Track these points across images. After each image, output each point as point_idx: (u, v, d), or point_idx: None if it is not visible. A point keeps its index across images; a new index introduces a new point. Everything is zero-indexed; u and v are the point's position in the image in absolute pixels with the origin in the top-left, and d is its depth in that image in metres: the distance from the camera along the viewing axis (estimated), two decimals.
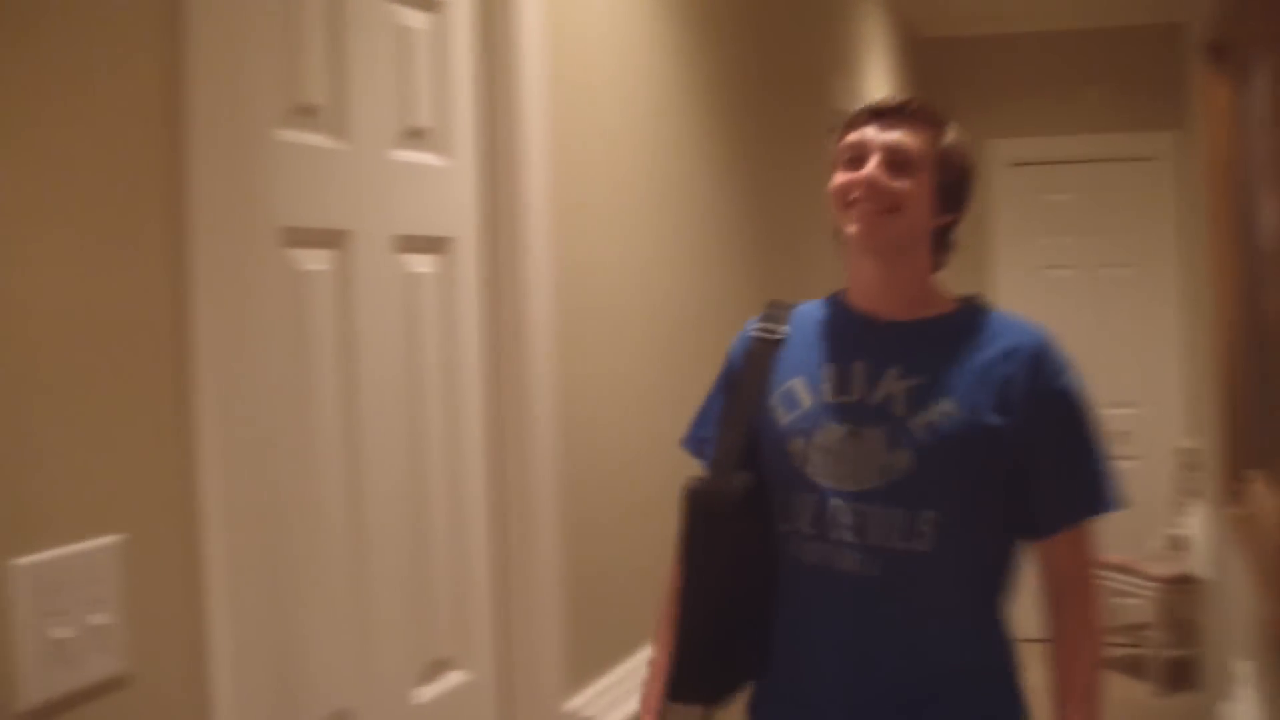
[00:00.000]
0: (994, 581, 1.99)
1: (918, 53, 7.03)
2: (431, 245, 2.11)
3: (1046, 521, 1.97)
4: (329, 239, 1.86)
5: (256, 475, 1.64)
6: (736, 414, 2.05)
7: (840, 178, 1.96)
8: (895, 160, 1.93)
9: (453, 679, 2.13)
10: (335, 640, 1.86)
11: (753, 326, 2.12)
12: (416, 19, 2.07)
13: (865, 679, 1.94)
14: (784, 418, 2.00)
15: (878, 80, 5.78)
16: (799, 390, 2.00)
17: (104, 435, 1.42)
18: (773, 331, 2.09)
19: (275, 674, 1.70)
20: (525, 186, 2.26)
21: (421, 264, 2.08)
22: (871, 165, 1.93)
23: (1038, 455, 1.93)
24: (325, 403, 1.86)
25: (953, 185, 1.99)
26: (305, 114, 1.81)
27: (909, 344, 1.97)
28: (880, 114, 1.98)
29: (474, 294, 2.21)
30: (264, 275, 1.69)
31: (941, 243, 2.03)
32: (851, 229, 1.94)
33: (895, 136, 1.95)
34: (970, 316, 2.01)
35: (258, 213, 1.67)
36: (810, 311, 2.10)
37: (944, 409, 1.90)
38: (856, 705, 1.95)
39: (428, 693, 2.08)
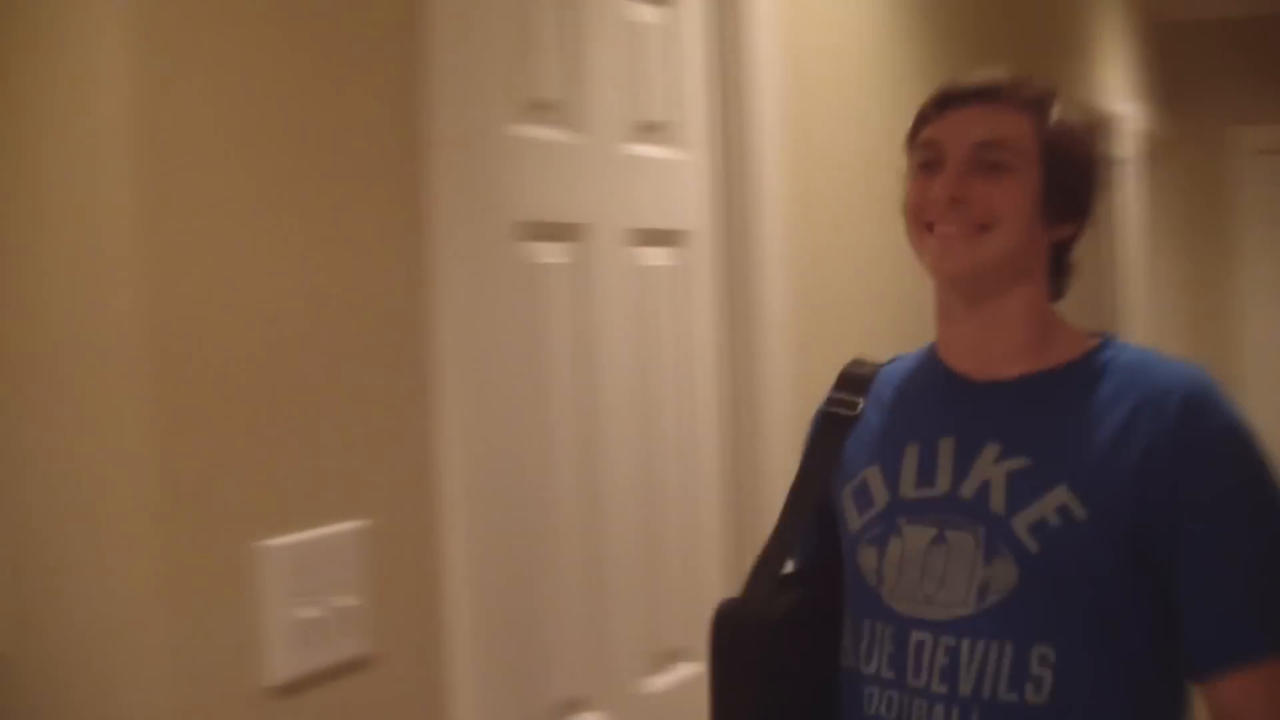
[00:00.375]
0: None
1: (1156, 37, 6.73)
2: (666, 238, 2.11)
3: (1212, 656, 1.36)
4: (564, 232, 1.89)
5: (494, 464, 1.68)
6: (790, 514, 1.56)
7: (914, 191, 1.45)
8: (986, 160, 1.40)
9: (684, 670, 2.13)
10: (569, 627, 1.89)
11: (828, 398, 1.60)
12: (648, 13, 2.08)
13: None
14: (854, 521, 1.48)
15: (1113, 66, 5.57)
16: (872, 483, 1.48)
17: (350, 423, 1.47)
18: (848, 404, 1.56)
19: (510, 660, 1.73)
20: (759, 178, 2.25)
21: (656, 257, 2.09)
22: (951, 171, 1.41)
23: (1197, 558, 1.35)
24: (560, 393, 1.88)
25: (1070, 184, 1.44)
26: (540, 109, 1.84)
27: (1014, 410, 1.43)
28: (962, 99, 1.44)
29: (708, 287, 2.21)
30: (501, 268, 1.73)
31: (1060, 264, 1.49)
32: (930, 259, 1.43)
33: (984, 128, 1.41)
34: (1102, 363, 1.43)
35: (494, 207, 1.70)
36: (897, 371, 1.57)
37: (1059, 500, 1.36)
38: None
39: (659, 683, 2.08)
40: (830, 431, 1.56)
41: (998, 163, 1.40)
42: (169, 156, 1.29)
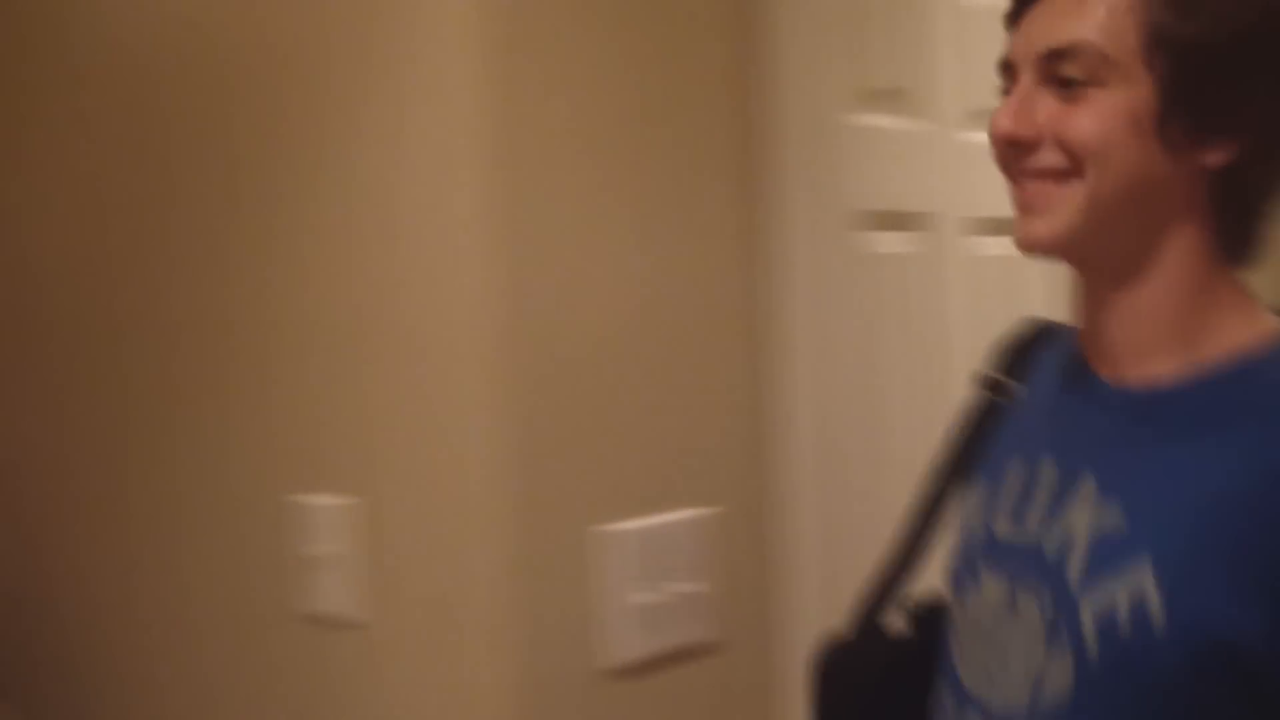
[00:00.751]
0: None
1: None
2: (1006, 228, 2.05)
3: None
4: (904, 221, 1.85)
5: (835, 455, 1.67)
6: (913, 524, 1.20)
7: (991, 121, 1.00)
8: (1062, 76, 0.95)
9: None
10: None
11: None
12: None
13: None
14: (955, 550, 1.12)
15: None
16: (975, 504, 1.11)
17: (690, 411, 1.49)
18: (1003, 385, 1.17)
19: None
20: None
21: (995, 246, 2.03)
22: (1018, 94, 0.98)
23: None
24: (898, 383, 1.84)
25: (1209, 80, 0.93)
26: (878, 97, 1.81)
27: (1125, 433, 0.98)
28: None
29: (1044, 280, 2.13)
30: (840, 257, 1.71)
31: (1230, 206, 0.97)
32: (1018, 228, 1.02)
33: (1057, 29, 0.95)
34: (1273, 367, 0.95)
35: (833, 196, 1.69)
36: (1056, 351, 1.13)
37: (1138, 584, 0.91)
38: None
39: None
40: (977, 416, 1.18)
41: (1084, 74, 0.94)
42: (518, 155, 1.34)
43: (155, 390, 1.68)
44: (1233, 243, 0.97)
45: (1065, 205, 0.96)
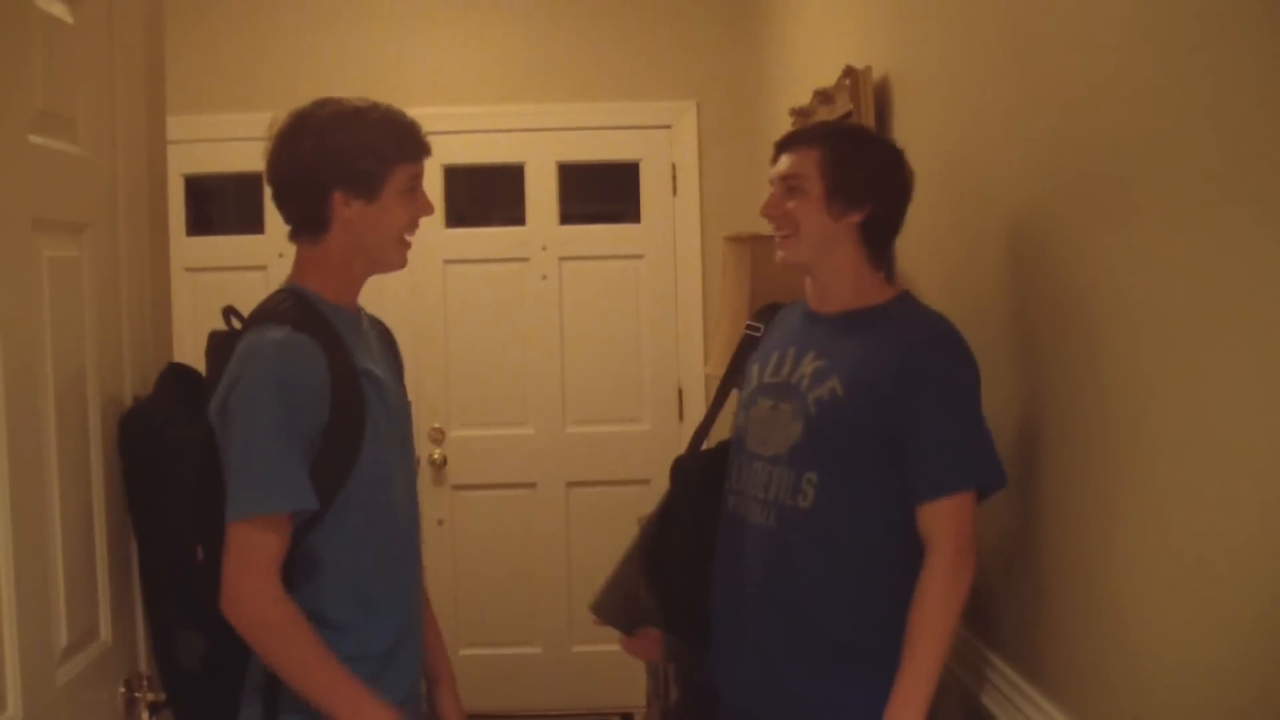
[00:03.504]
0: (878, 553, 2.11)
1: None
2: None
3: (917, 491, 2.05)
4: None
5: None
6: (716, 398, 2.47)
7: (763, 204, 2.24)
8: (789, 185, 2.17)
9: None
10: None
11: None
12: None
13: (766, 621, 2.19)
14: (741, 398, 2.34)
15: None
16: (752, 373, 2.32)
17: None
18: (757, 329, 2.41)
19: None
20: None
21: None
22: (771, 194, 2.20)
23: (912, 424, 2.05)
24: None
25: (847, 185, 2.14)
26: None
27: (831, 333, 2.19)
28: (778, 148, 2.22)
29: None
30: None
31: (869, 238, 2.18)
32: (777, 252, 2.23)
33: (783, 165, 2.18)
34: (895, 309, 2.17)
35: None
36: (787, 311, 2.38)
37: (832, 385, 2.11)
38: (764, 647, 2.18)
39: None
40: (745, 345, 2.43)
41: (795, 186, 2.17)
42: None
43: None
44: (874, 254, 2.21)
45: (796, 246, 2.19)
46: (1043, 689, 2.00)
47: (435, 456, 4.86)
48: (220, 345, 2.03)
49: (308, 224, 2.08)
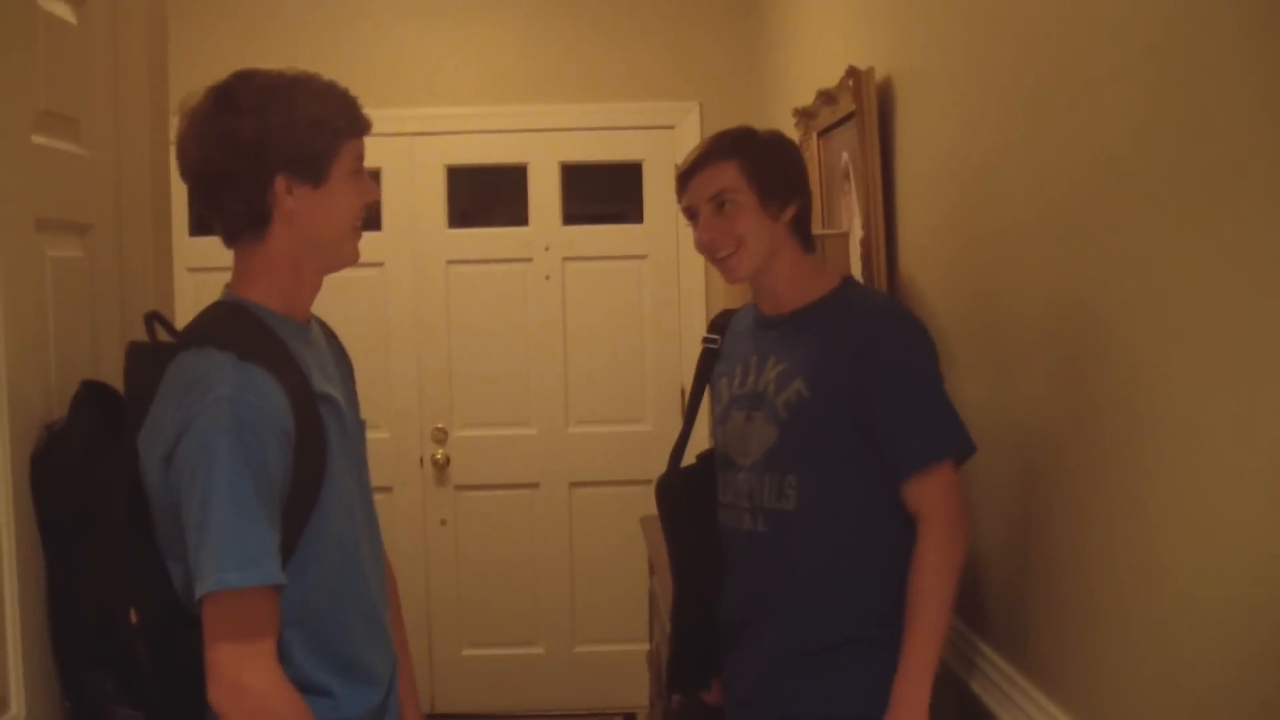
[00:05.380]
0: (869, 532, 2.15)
1: None
2: None
3: (901, 466, 2.09)
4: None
5: None
6: (687, 414, 2.43)
7: (695, 236, 2.22)
8: (718, 203, 2.16)
9: None
10: None
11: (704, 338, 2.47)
12: None
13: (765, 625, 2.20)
14: (715, 410, 2.36)
15: None
16: (721, 388, 2.34)
17: None
18: (715, 341, 2.42)
19: None
20: None
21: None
22: (703, 220, 2.19)
23: (883, 407, 2.09)
24: None
25: (774, 184, 2.16)
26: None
27: (786, 334, 2.22)
28: (687, 175, 2.20)
29: None
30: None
31: (800, 230, 2.22)
32: (723, 275, 2.24)
33: (707, 185, 2.17)
34: (840, 297, 2.21)
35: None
36: (739, 317, 2.39)
37: (797, 387, 2.15)
38: (761, 651, 2.20)
39: None
40: (705, 359, 2.43)
41: (725, 200, 2.17)
42: None
43: None
44: (805, 243, 2.24)
45: (744, 260, 2.19)
46: (1036, 680, 2.00)
47: (438, 456, 4.86)
48: (143, 360, 1.75)
49: (244, 222, 1.77)
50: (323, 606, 1.76)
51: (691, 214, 2.21)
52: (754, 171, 2.16)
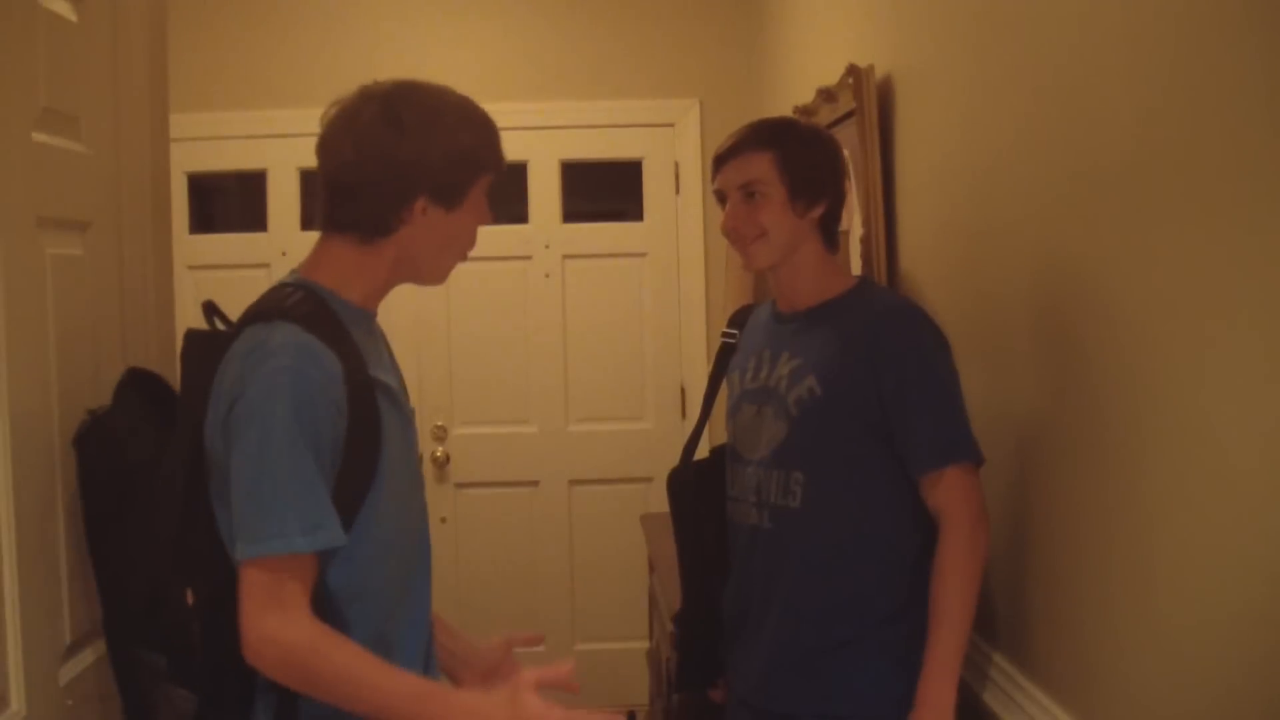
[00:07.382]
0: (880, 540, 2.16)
1: None
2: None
3: (920, 464, 2.09)
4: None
5: None
6: (703, 408, 2.45)
7: (722, 220, 2.23)
8: (747, 192, 2.17)
9: None
10: None
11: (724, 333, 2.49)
12: None
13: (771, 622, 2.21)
14: (728, 405, 2.36)
15: None
16: (734, 380, 2.36)
17: None
18: (733, 335, 2.43)
19: None
20: None
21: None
22: (730, 206, 2.20)
23: (891, 407, 2.09)
24: None
25: (806, 181, 2.17)
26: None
27: (800, 330, 2.23)
28: (721, 159, 2.21)
29: None
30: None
31: (826, 228, 2.22)
32: (742, 260, 2.25)
33: (738, 173, 2.18)
34: (855, 297, 2.22)
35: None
36: (758, 313, 2.41)
37: (809, 383, 2.15)
38: (761, 649, 2.22)
39: None
40: (723, 353, 2.44)
41: (755, 190, 2.18)
42: None
43: None
44: (830, 243, 2.24)
45: (765, 250, 2.20)
46: (1036, 679, 2.00)
47: (438, 454, 4.86)
48: (200, 348, 1.75)
49: (368, 226, 1.79)
50: (372, 585, 1.75)
51: (721, 197, 2.23)
52: (787, 165, 2.16)
